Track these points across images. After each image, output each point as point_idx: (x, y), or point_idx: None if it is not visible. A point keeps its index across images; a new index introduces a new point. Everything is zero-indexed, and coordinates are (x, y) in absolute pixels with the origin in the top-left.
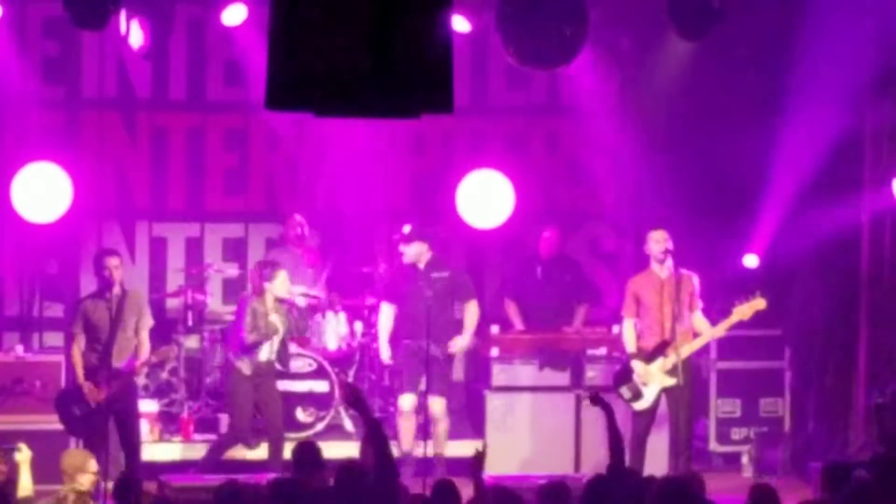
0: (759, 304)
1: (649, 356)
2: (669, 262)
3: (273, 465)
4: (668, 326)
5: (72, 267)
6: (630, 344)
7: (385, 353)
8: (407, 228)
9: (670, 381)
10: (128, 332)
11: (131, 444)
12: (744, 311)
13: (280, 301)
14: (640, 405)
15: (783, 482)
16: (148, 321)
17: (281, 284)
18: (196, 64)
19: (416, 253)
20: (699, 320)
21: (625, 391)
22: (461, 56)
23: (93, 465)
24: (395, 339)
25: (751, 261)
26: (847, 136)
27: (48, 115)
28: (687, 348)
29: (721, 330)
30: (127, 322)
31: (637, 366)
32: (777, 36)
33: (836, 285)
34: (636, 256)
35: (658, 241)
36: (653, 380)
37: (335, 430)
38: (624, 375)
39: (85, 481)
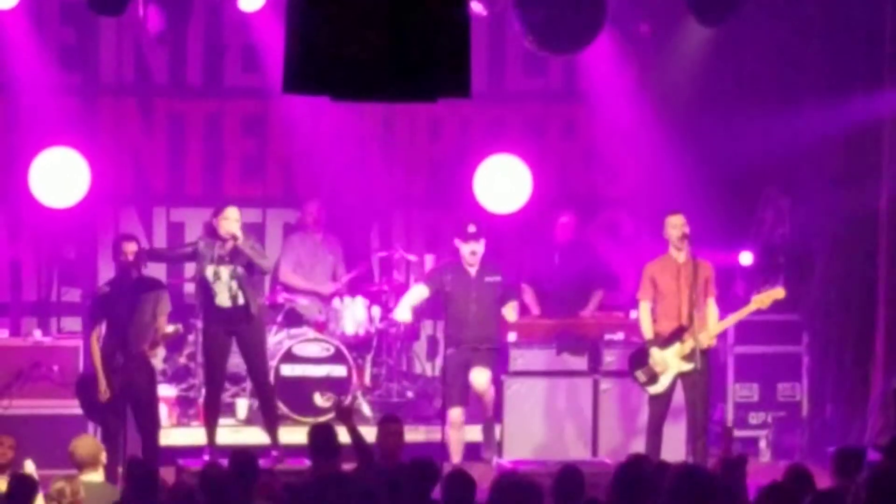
0: (779, 293)
1: (666, 341)
2: (687, 247)
3: (269, 423)
4: (686, 312)
5: (89, 252)
6: (647, 328)
7: (404, 315)
8: (473, 227)
9: (687, 367)
10: (145, 317)
11: (148, 429)
12: (762, 300)
13: (232, 241)
14: (654, 389)
15: None
16: (166, 306)
17: (225, 221)
18: (213, 49)
19: (483, 249)
20: (710, 309)
21: (640, 375)
22: (478, 41)
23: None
24: (439, 347)
25: (745, 258)
26: (866, 122)
27: (65, 101)
28: (704, 336)
29: (737, 318)
30: (144, 307)
31: (654, 351)
32: (795, 21)
33: (854, 271)
34: (653, 242)
35: (675, 226)
36: (669, 365)
37: (353, 415)
38: (639, 359)
39: (101, 467)
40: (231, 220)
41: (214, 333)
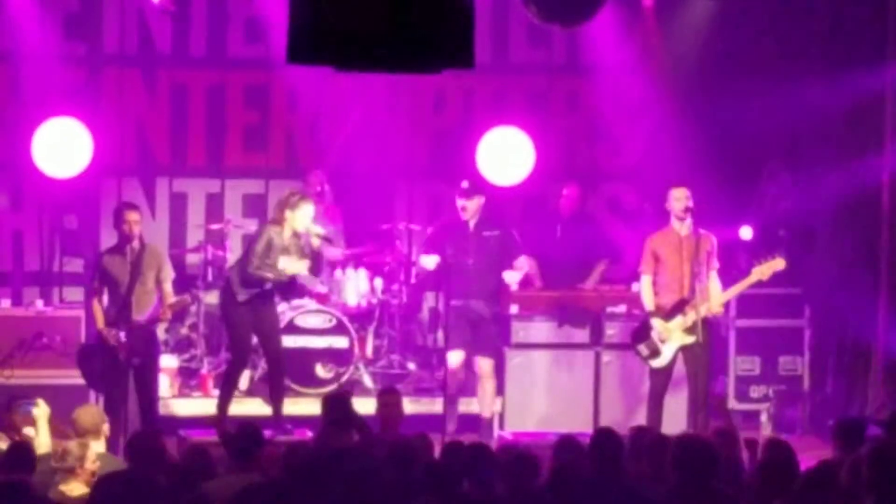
0: (779, 264)
1: (668, 314)
2: (689, 220)
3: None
4: (687, 284)
5: (92, 222)
6: (648, 301)
7: (429, 262)
8: (466, 183)
9: (689, 339)
10: (147, 285)
11: (148, 398)
12: (763, 271)
13: (296, 236)
14: (657, 363)
15: (801, 441)
16: (169, 272)
17: (302, 217)
18: (217, 20)
19: (476, 207)
20: (712, 281)
21: (642, 349)
22: (482, 13)
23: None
24: (440, 319)
25: (745, 233)
26: (868, 93)
27: (69, 71)
28: (703, 308)
29: (738, 290)
30: (145, 276)
31: (656, 323)
32: None
33: (856, 244)
34: (656, 215)
35: (679, 199)
36: (671, 337)
37: (354, 386)
38: (642, 333)
39: (103, 437)
40: (308, 219)
41: (238, 308)
